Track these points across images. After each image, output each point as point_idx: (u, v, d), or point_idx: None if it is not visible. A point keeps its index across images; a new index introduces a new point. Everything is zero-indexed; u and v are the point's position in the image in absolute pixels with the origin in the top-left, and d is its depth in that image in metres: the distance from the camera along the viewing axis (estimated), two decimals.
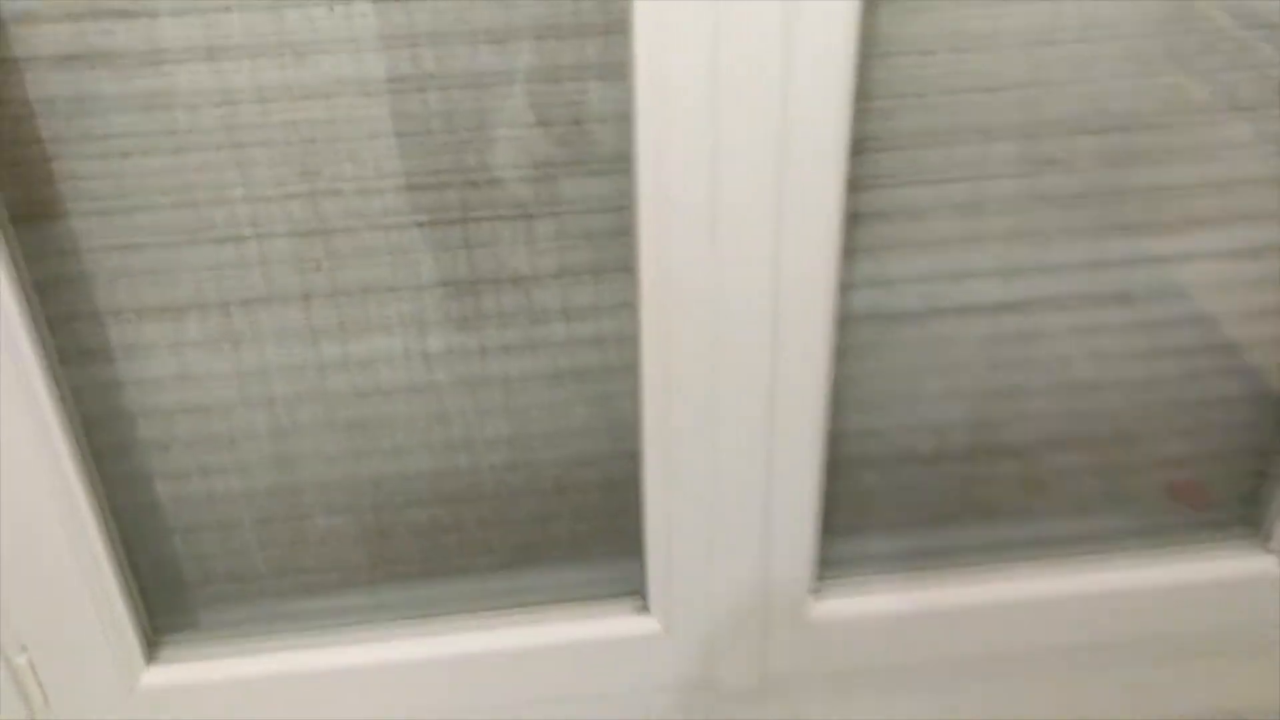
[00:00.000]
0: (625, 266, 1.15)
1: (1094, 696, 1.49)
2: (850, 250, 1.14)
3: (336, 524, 1.32)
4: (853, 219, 1.13)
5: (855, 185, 1.10)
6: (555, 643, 1.37)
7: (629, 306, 1.17)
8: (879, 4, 1.00)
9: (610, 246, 1.14)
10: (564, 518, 1.33)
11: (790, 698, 1.45)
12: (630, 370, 1.22)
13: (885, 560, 1.39)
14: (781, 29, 0.98)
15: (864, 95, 1.05)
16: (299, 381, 1.20)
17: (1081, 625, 1.41)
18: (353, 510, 1.31)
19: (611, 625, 1.38)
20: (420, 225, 1.11)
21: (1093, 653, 1.44)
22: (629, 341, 1.20)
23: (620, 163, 1.09)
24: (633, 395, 1.23)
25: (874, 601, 1.39)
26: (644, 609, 1.38)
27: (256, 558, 1.34)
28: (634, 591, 1.38)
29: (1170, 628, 1.41)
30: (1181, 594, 1.40)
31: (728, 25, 0.98)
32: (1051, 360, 1.26)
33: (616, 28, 1.02)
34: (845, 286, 1.17)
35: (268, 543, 1.33)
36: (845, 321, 1.20)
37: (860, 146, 1.08)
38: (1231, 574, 1.40)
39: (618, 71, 1.04)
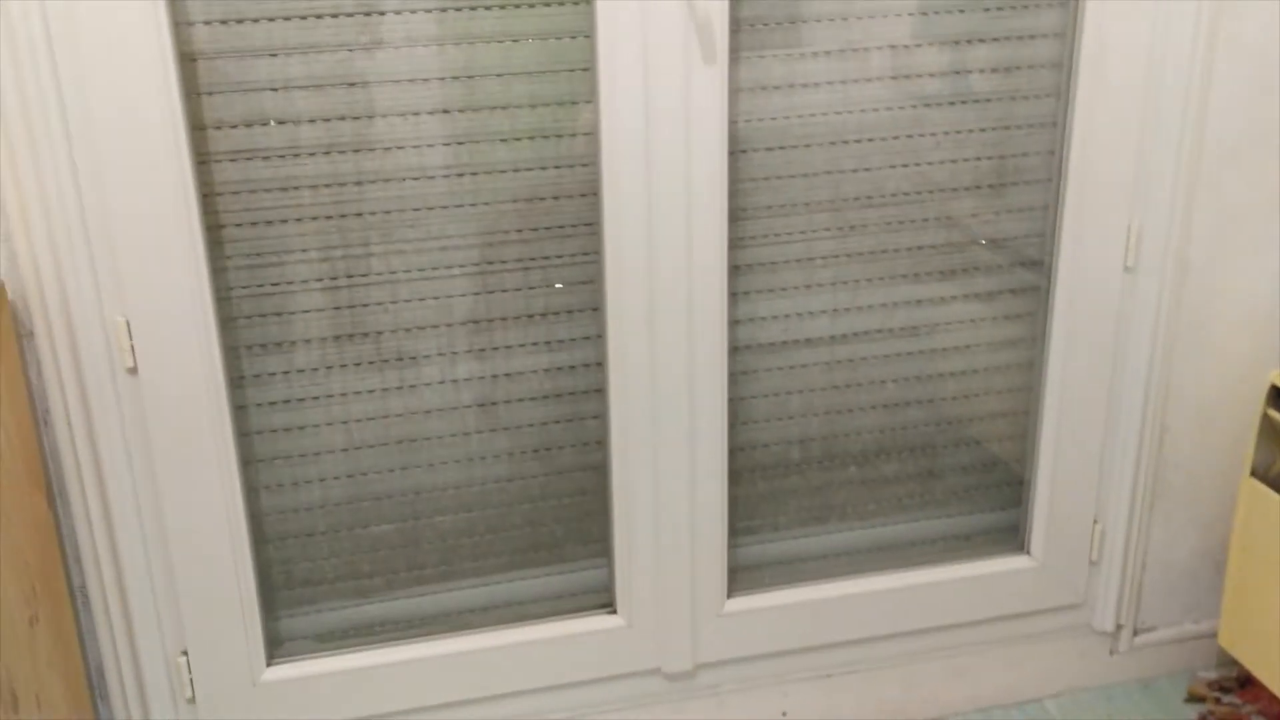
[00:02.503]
0: (593, 307, 1.70)
1: (922, 672, 1.98)
2: (733, 294, 1.74)
3: (386, 532, 1.68)
4: (733, 270, 1.74)
5: (733, 244, 1.72)
6: (548, 638, 1.77)
7: (595, 339, 1.70)
8: (738, 116, 1.67)
9: (581, 292, 1.69)
10: (548, 523, 1.75)
11: (714, 678, 1.88)
12: (594, 394, 1.72)
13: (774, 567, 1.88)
14: (685, 144, 1.62)
15: (733, 179, 1.70)
16: (367, 403, 1.63)
17: (904, 615, 1.92)
18: (397, 518, 1.69)
19: (590, 624, 1.78)
20: (454, 276, 1.63)
21: (915, 637, 1.95)
22: (594, 368, 1.72)
23: (587, 227, 1.67)
24: (598, 416, 1.73)
25: (770, 599, 1.86)
26: (612, 610, 1.79)
27: (325, 565, 1.67)
28: (606, 603, 1.81)
29: (966, 615, 1.95)
30: (971, 585, 1.95)
31: (656, 144, 1.61)
32: (869, 382, 1.84)
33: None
34: (731, 322, 1.75)
35: (335, 550, 1.67)
36: (733, 351, 1.77)
37: (734, 216, 1.71)
38: (1001, 569, 1.98)
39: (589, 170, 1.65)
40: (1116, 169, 1.73)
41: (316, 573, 1.71)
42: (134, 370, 1.53)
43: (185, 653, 1.66)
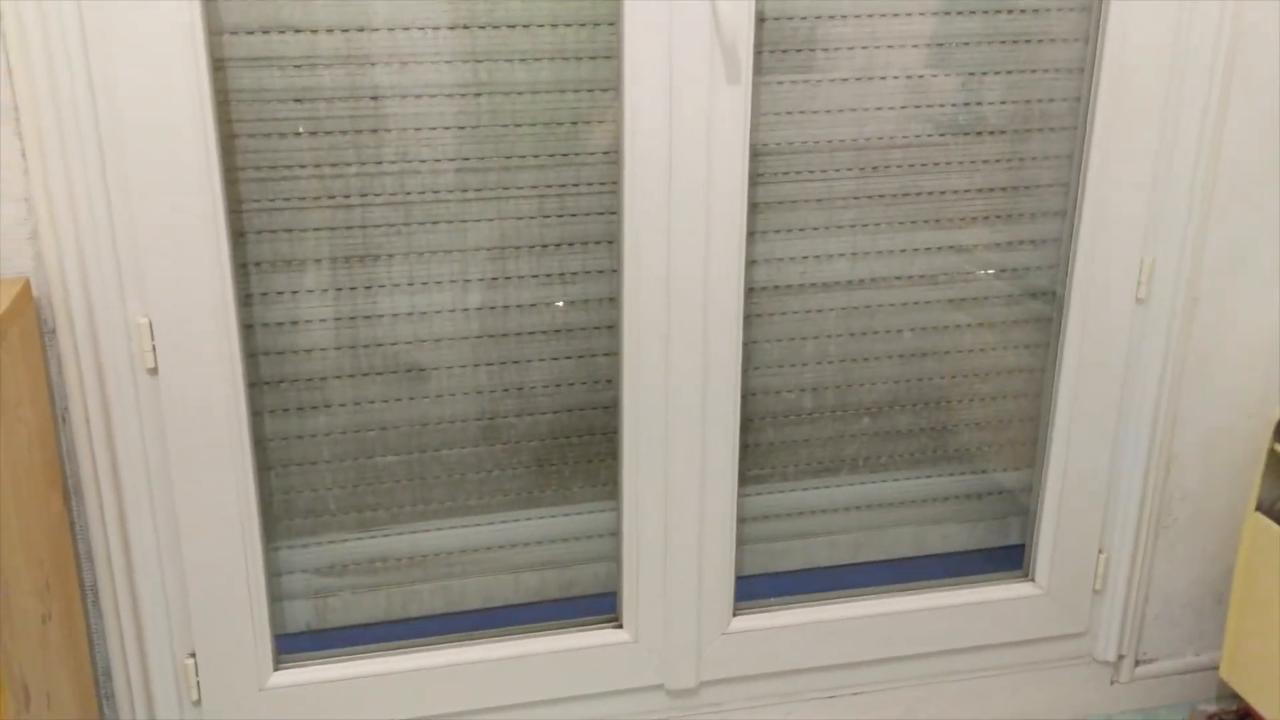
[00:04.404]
0: (609, 239, 1.67)
1: (924, 695, 1.98)
2: (751, 233, 1.69)
3: (391, 463, 1.70)
4: (752, 208, 1.69)
5: (752, 180, 1.66)
6: (554, 650, 1.78)
7: (609, 273, 1.68)
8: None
9: (598, 223, 1.66)
10: (556, 462, 1.75)
11: (717, 696, 1.88)
12: (606, 330, 1.70)
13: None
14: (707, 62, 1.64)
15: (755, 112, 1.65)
16: (376, 328, 1.63)
17: (909, 638, 1.93)
18: (402, 450, 1.70)
19: (595, 637, 1.79)
20: (469, 200, 1.61)
21: (918, 660, 1.96)
22: (607, 304, 1.69)
23: (605, 155, 1.63)
24: (608, 352, 1.71)
25: (775, 618, 1.87)
26: (618, 625, 1.80)
27: (328, 496, 1.69)
28: (612, 617, 1.82)
29: (969, 640, 1.96)
30: (975, 610, 1.96)
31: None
32: (886, 331, 1.80)
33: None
34: (749, 262, 1.70)
35: (339, 481, 1.69)
36: (749, 292, 1.72)
37: (754, 151, 1.66)
38: (1005, 595, 1.99)
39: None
40: (1131, 202, 1.74)
41: (319, 503, 1.70)
42: (154, 371, 1.54)
43: (193, 655, 1.67)
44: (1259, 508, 1.83)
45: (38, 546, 1.44)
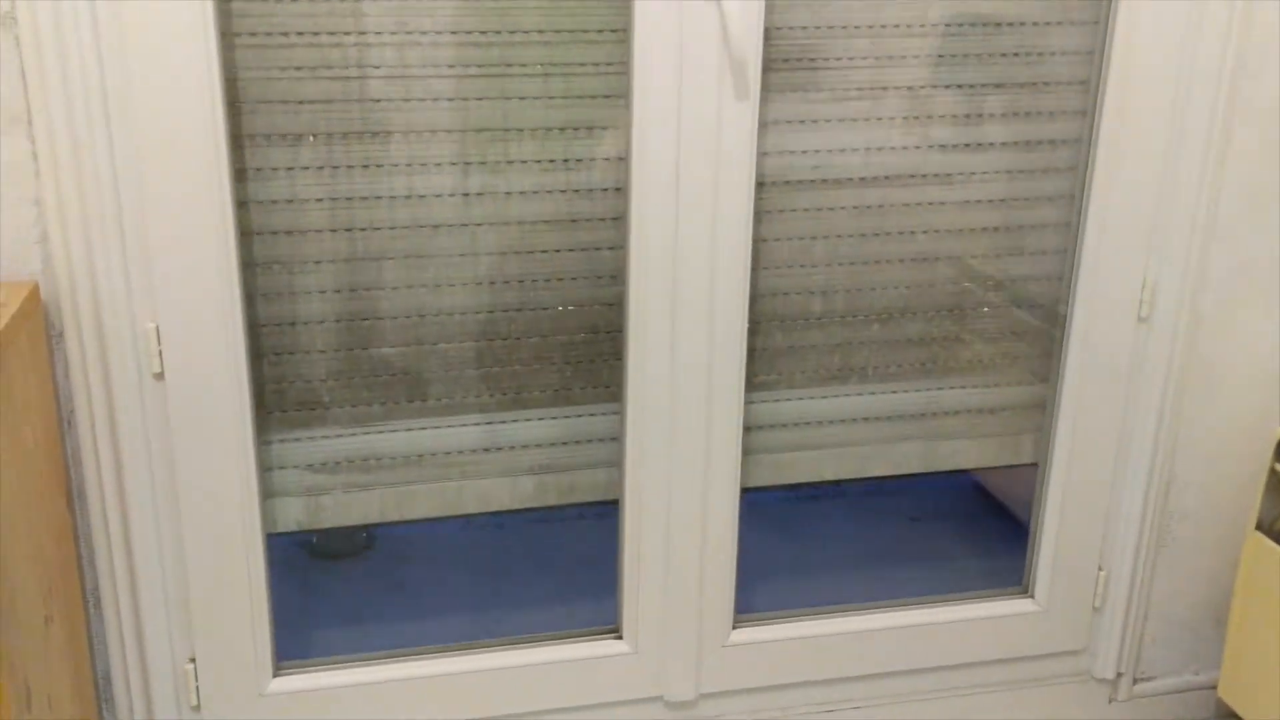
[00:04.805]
0: (614, 125, 1.62)
1: (922, 710, 1.98)
2: (762, 124, 1.63)
3: (386, 355, 1.66)
4: (764, 92, 1.62)
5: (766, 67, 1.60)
6: (553, 660, 1.78)
7: (617, 161, 1.63)
8: None
9: (604, 107, 1.60)
10: (557, 361, 1.70)
11: (716, 708, 1.88)
12: (612, 222, 1.66)
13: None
14: None
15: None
16: (374, 210, 1.59)
17: (907, 654, 1.93)
18: (398, 342, 1.66)
19: (595, 648, 1.80)
20: (472, 76, 1.56)
21: (917, 676, 1.96)
22: (614, 193, 1.65)
23: (614, 34, 1.56)
24: (614, 247, 1.66)
25: (774, 630, 1.87)
26: (618, 635, 1.80)
27: (321, 388, 1.65)
28: (612, 628, 1.83)
29: (968, 655, 1.96)
30: (974, 626, 1.97)
31: None
32: (899, 232, 1.73)
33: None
34: (760, 154, 1.63)
35: (332, 371, 1.65)
36: (759, 187, 1.65)
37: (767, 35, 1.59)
38: (1004, 611, 1.99)
39: None
40: (1135, 219, 1.75)
41: (312, 395, 1.66)
42: (160, 376, 1.54)
43: (193, 660, 1.67)
44: (1259, 527, 1.83)
45: (43, 549, 1.44)
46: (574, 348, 1.72)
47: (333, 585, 2.25)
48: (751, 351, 1.77)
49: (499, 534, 2.48)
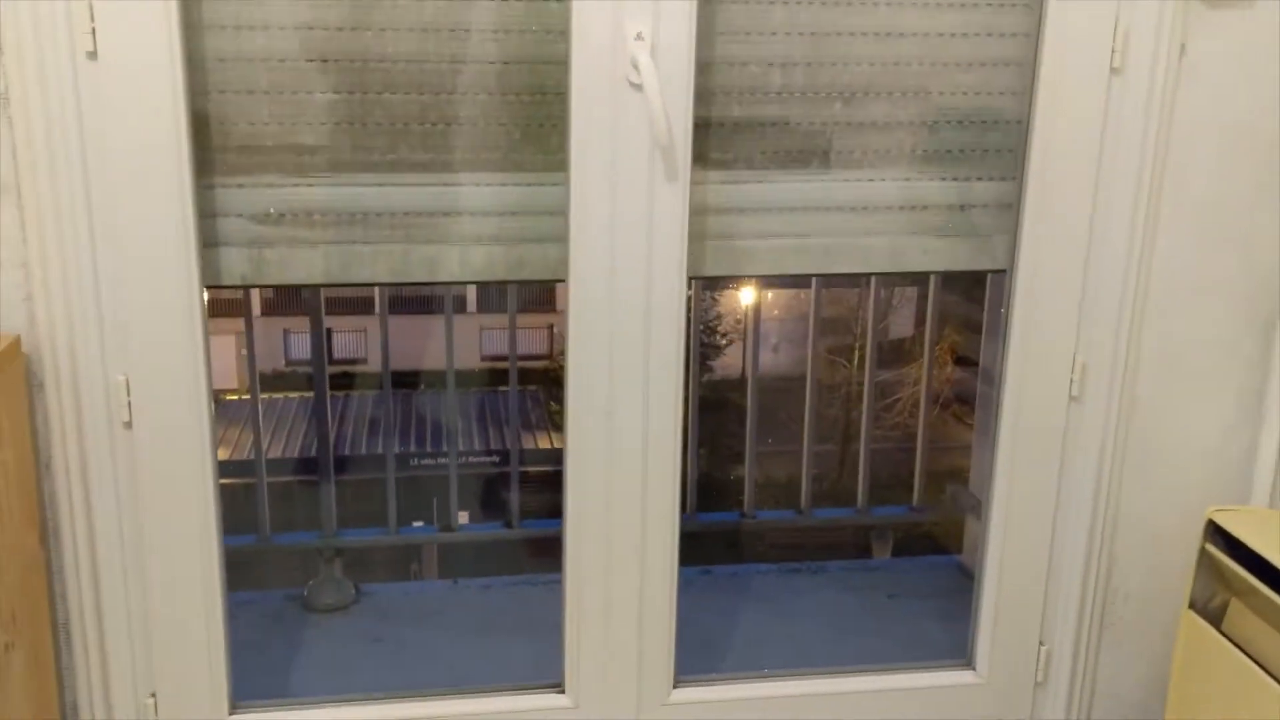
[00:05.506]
0: None
1: None
2: None
3: (331, 101, 1.65)
4: None
5: None
6: (497, 711, 1.87)
7: None
8: None
9: None
10: (506, 123, 1.68)
11: None
12: None
13: None
14: None
15: None
16: None
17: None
18: (344, 89, 1.65)
19: (537, 701, 1.88)
20: None
21: None
22: None
23: None
24: None
25: (717, 691, 1.94)
26: (560, 690, 1.88)
27: (264, 131, 1.66)
28: (555, 683, 1.91)
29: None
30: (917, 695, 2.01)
31: None
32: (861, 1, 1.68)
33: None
34: None
35: (276, 115, 1.66)
36: None
37: None
38: (946, 682, 2.03)
39: None
40: (1062, 301, 1.82)
41: (255, 139, 1.66)
42: (129, 424, 1.68)
43: (154, 695, 1.78)
44: (1192, 606, 1.87)
45: (6, 578, 1.57)
46: (522, 107, 1.68)
47: (320, 637, 2.36)
48: (706, 124, 1.72)
49: (485, 594, 2.59)
